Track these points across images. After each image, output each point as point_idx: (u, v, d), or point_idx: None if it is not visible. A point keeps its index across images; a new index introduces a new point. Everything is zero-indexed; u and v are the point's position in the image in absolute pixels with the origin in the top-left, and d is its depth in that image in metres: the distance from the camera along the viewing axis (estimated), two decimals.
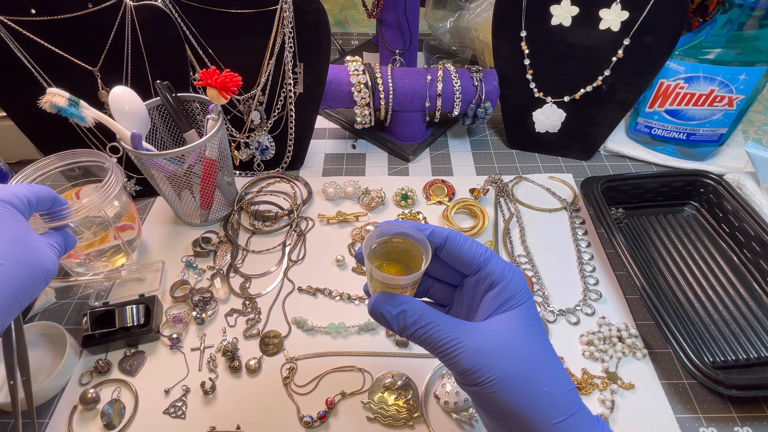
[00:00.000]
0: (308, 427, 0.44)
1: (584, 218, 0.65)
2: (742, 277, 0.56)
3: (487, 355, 0.29)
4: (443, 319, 0.31)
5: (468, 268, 0.33)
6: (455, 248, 0.33)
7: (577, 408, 0.30)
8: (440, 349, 0.30)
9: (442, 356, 0.30)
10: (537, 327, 0.32)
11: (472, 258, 0.33)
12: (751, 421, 0.45)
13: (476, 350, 0.29)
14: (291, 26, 0.60)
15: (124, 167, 0.65)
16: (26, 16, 0.53)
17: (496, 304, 0.32)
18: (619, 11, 0.59)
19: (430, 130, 0.77)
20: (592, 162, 0.74)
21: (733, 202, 0.60)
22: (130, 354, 0.50)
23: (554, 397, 0.29)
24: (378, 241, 0.33)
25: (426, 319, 0.30)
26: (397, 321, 0.31)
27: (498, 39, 0.67)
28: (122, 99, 0.52)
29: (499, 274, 0.32)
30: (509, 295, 0.32)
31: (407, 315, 0.31)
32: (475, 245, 0.33)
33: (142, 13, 0.57)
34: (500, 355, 0.29)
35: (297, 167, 0.73)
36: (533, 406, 0.29)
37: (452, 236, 0.33)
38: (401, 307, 0.31)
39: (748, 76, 0.62)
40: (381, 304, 0.31)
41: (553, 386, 0.30)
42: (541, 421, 0.29)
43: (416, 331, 0.30)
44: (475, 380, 0.29)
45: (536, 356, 0.30)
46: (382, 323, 0.32)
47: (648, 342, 0.51)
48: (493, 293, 0.32)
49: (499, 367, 0.29)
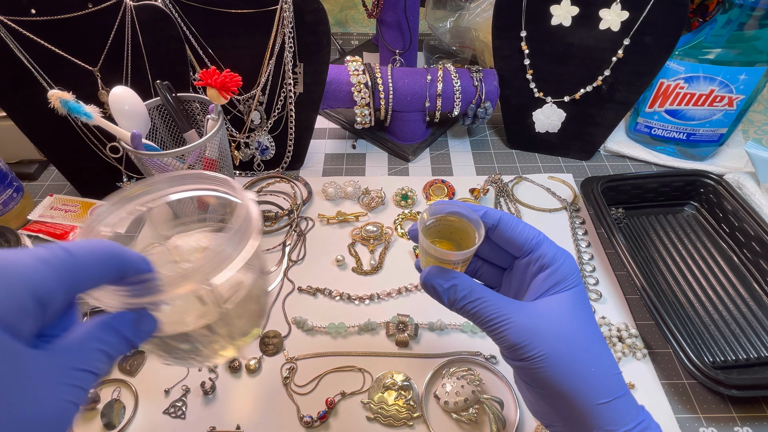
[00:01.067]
0: (308, 427, 0.44)
1: (584, 218, 0.65)
2: (742, 277, 0.56)
3: (536, 332, 0.30)
4: (492, 296, 0.31)
5: (519, 251, 0.34)
6: (508, 230, 0.33)
7: (623, 392, 0.30)
8: (489, 323, 0.31)
9: (490, 331, 0.31)
10: (586, 311, 0.32)
11: (525, 240, 0.33)
12: (751, 421, 0.45)
13: (524, 327, 0.30)
14: (291, 26, 0.60)
15: (124, 167, 0.65)
16: (26, 16, 0.53)
17: (546, 286, 0.32)
18: (619, 11, 0.59)
19: (430, 130, 0.77)
20: (592, 162, 0.74)
21: (733, 202, 0.60)
22: (130, 354, 0.50)
23: (600, 379, 0.30)
24: (432, 218, 0.33)
25: (476, 294, 0.31)
26: (447, 294, 0.31)
27: (498, 39, 0.67)
28: (122, 99, 0.52)
29: (551, 257, 0.32)
30: (560, 278, 0.32)
31: (458, 289, 0.31)
32: (528, 228, 0.34)
33: (142, 13, 0.57)
34: (548, 333, 0.30)
35: (297, 167, 0.73)
36: (579, 385, 0.29)
37: (505, 218, 0.34)
38: (452, 282, 0.31)
39: (748, 76, 0.62)
40: (433, 277, 0.32)
41: (600, 368, 0.30)
42: (585, 400, 0.29)
43: (466, 305, 0.31)
44: (522, 355, 0.30)
45: (584, 338, 0.31)
46: (433, 296, 0.32)
47: (648, 342, 0.51)
48: (544, 275, 0.32)
49: (546, 345, 0.29)
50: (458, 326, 0.52)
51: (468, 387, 0.45)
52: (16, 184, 0.62)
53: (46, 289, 0.19)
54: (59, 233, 0.61)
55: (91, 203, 0.66)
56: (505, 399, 0.46)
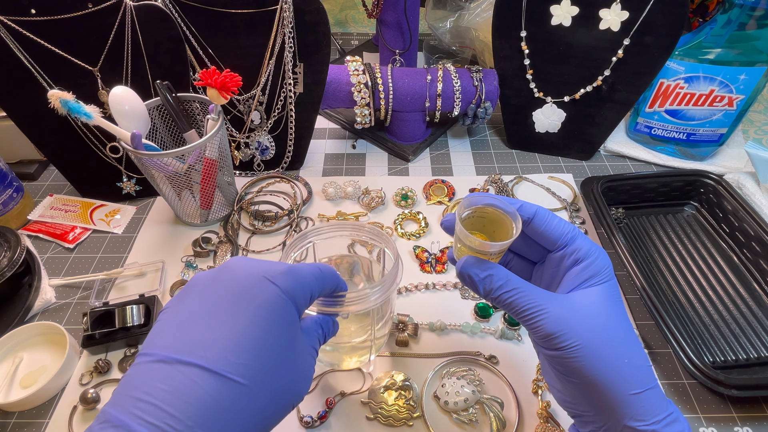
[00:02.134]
0: (308, 427, 0.44)
1: (584, 218, 0.65)
2: (742, 277, 0.56)
3: (571, 322, 0.30)
4: (528, 286, 0.32)
5: (553, 245, 0.34)
6: (543, 224, 0.34)
7: (653, 384, 0.31)
8: (524, 313, 0.31)
9: (525, 320, 0.32)
10: (619, 305, 0.32)
11: (559, 234, 0.34)
12: (751, 421, 0.45)
13: (559, 317, 0.30)
14: (291, 26, 0.60)
15: (124, 167, 0.65)
16: (26, 16, 0.53)
17: (580, 280, 0.32)
18: (619, 11, 0.59)
19: (430, 130, 0.77)
20: (592, 162, 0.74)
21: (733, 202, 0.60)
22: (130, 354, 0.50)
23: (634, 370, 0.30)
24: (468, 209, 0.34)
25: (512, 284, 0.32)
26: (483, 284, 0.32)
27: (498, 39, 0.67)
28: (122, 99, 0.52)
29: (585, 252, 0.33)
30: (594, 272, 0.32)
31: (494, 279, 0.32)
32: (563, 223, 0.34)
33: (142, 13, 0.57)
34: (583, 324, 0.30)
35: (297, 167, 0.73)
36: (613, 375, 0.30)
37: (540, 212, 0.34)
38: (488, 272, 0.32)
39: (748, 76, 0.62)
40: (470, 267, 0.32)
41: (633, 360, 0.30)
42: (619, 391, 0.30)
43: (501, 295, 0.32)
44: (557, 345, 0.30)
45: (618, 330, 0.31)
46: (469, 285, 0.33)
47: (648, 342, 0.51)
48: (578, 269, 0.33)
49: (581, 335, 0.30)
50: (458, 327, 0.52)
51: (468, 387, 0.45)
52: (16, 184, 0.62)
53: (313, 291, 0.30)
54: (59, 233, 0.61)
55: (91, 203, 0.66)
56: (505, 399, 0.46)
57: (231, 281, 0.27)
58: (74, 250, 0.61)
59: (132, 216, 0.65)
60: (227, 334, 0.25)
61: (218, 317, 0.26)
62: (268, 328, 0.26)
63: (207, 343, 0.25)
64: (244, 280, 0.27)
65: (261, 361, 0.25)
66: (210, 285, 0.28)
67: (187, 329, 0.25)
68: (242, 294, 0.27)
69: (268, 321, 0.26)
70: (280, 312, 0.27)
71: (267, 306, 0.27)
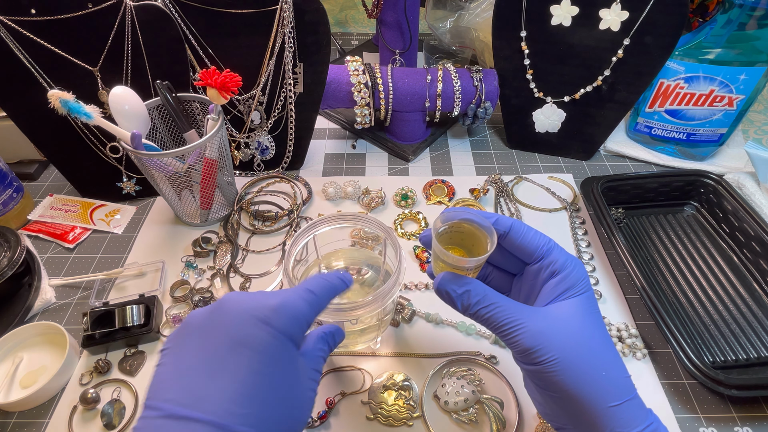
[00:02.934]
0: (308, 427, 0.44)
1: (584, 218, 0.65)
2: (742, 277, 0.56)
3: (548, 336, 0.30)
4: (505, 301, 0.32)
5: (530, 257, 0.34)
6: (519, 237, 0.34)
7: (633, 395, 0.30)
8: (502, 328, 0.31)
9: (504, 335, 0.32)
10: (596, 316, 0.33)
11: (535, 247, 0.34)
12: (751, 421, 0.45)
13: (537, 331, 0.30)
14: (291, 26, 0.60)
15: (124, 167, 0.65)
16: (26, 16, 0.53)
17: (557, 292, 0.32)
18: (619, 11, 0.59)
19: (430, 130, 0.77)
20: (592, 162, 0.74)
21: (733, 202, 0.60)
22: (130, 354, 0.50)
23: (612, 382, 0.30)
24: (445, 224, 0.34)
25: (489, 299, 0.32)
26: (461, 300, 0.32)
27: (498, 39, 0.67)
28: (122, 99, 0.52)
29: (561, 264, 0.33)
30: (571, 284, 0.32)
31: (471, 295, 0.32)
32: (539, 235, 0.34)
33: (142, 13, 0.57)
34: (560, 338, 0.30)
35: (297, 167, 0.73)
36: (591, 388, 0.30)
37: (516, 225, 0.34)
38: (466, 288, 0.32)
39: (748, 76, 0.62)
40: (447, 283, 0.32)
41: (611, 372, 0.30)
42: (597, 403, 0.29)
43: (479, 310, 0.32)
44: (535, 359, 0.30)
45: (596, 342, 0.31)
46: (447, 301, 0.33)
47: (648, 342, 0.51)
48: (555, 281, 0.33)
49: (559, 349, 0.30)
50: (453, 324, 0.52)
51: (468, 387, 0.45)
52: (16, 184, 0.62)
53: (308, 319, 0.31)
54: (59, 233, 0.61)
55: (91, 203, 0.66)
56: (505, 399, 0.46)
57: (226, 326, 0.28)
58: (74, 250, 0.61)
59: (132, 216, 0.65)
60: (229, 385, 0.26)
61: (218, 367, 0.26)
62: (267, 373, 0.27)
63: (211, 396, 0.25)
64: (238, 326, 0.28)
65: (264, 406, 0.26)
66: (206, 329, 0.28)
67: (189, 381, 0.26)
68: (238, 340, 0.27)
69: (267, 366, 0.27)
70: (277, 354, 0.28)
71: (264, 350, 0.27)
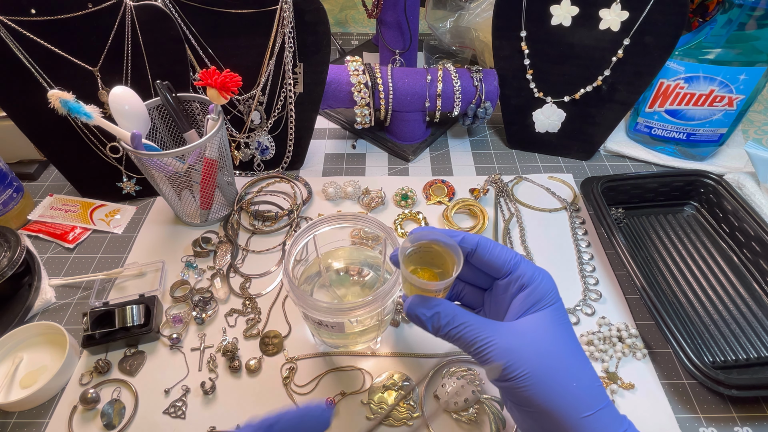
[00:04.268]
0: None
1: (584, 218, 0.65)
2: (742, 277, 0.56)
3: (518, 352, 0.31)
4: (475, 319, 0.32)
5: (498, 272, 0.35)
6: (486, 253, 0.34)
7: (605, 403, 0.31)
8: (473, 347, 0.32)
9: (475, 354, 0.32)
10: (565, 327, 0.33)
11: (503, 262, 0.34)
12: (751, 421, 0.45)
13: (507, 348, 0.31)
14: (291, 26, 0.60)
15: (124, 167, 0.65)
16: (26, 16, 0.53)
17: (526, 306, 0.33)
18: (619, 11, 0.59)
19: (430, 130, 0.77)
20: (592, 162, 0.74)
21: (733, 202, 0.60)
22: (130, 354, 0.50)
23: (583, 392, 0.30)
24: (412, 246, 0.34)
25: (458, 319, 0.32)
26: (431, 322, 0.33)
27: (498, 39, 0.67)
28: (122, 99, 0.52)
29: (529, 277, 0.33)
30: (539, 297, 0.33)
31: (441, 317, 0.32)
32: (505, 250, 0.35)
33: (142, 13, 0.57)
34: (530, 353, 0.31)
35: (297, 167, 0.73)
36: (563, 401, 0.30)
37: (483, 242, 0.34)
38: (435, 309, 0.32)
39: (748, 76, 0.62)
40: (416, 307, 0.33)
41: (582, 382, 0.31)
42: (570, 415, 0.30)
43: (450, 331, 0.32)
44: (506, 376, 0.30)
45: (565, 354, 0.31)
46: (418, 324, 0.33)
47: (648, 342, 0.51)
48: (523, 295, 0.33)
49: (529, 364, 0.30)
50: None
51: (468, 387, 0.45)
52: (16, 184, 0.62)
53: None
54: (59, 233, 0.61)
55: (91, 203, 0.66)
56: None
57: None
58: (74, 250, 0.61)
59: (132, 216, 0.65)
60: None
61: None
62: None
63: None
64: None
65: None
66: None
67: None
68: None
69: None
70: None
71: None
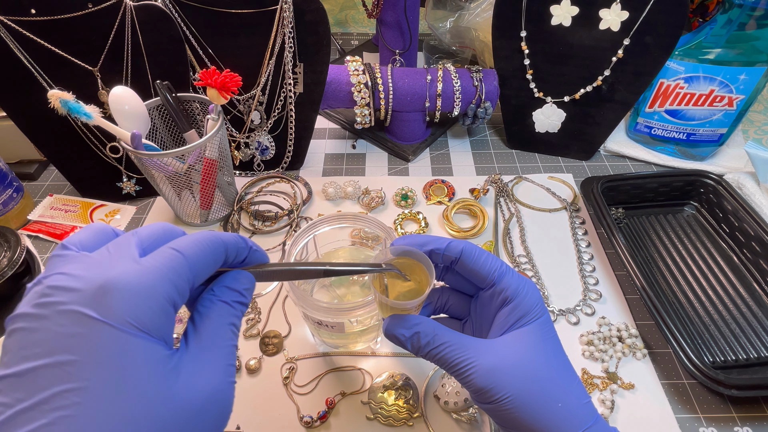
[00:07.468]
0: (308, 427, 0.44)
1: (584, 218, 0.65)
2: (742, 277, 0.56)
3: (500, 373, 0.29)
4: (456, 339, 0.31)
5: (483, 282, 0.34)
6: (470, 262, 0.33)
7: (593, 421, 0.30)
8: (454, 368, 0.31)
9: (456, 375, 0.31)
10: (551, 342, 0.32)
11: (487, 272, 0.33)
12: (751, 421, 0.45)
13: (489, 369, 0.30)
14: (291, 26, 0.60)
15: (124, 167, 0.65)
16: (26, 16, 0.53)
17: (510, 321, 0.32)
18: (619, 11, 0.59)
19: (430, 130, 0.77)
20: (592, 162, 0.74)
21: (733, 202, 0.60)
22: None
23: (569, 412, 0.29)
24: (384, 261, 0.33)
25: (439, 339, 0.31)
26: (411, 342, 0.31)
27: (498, 39, 0.67)
28: (122, 99, 0.52)
29: (513, 291, 0.32)
30: (523, 312, 0.32)
31: (420, 336, 0.31)
32: (491, 259, 0.33)
33: (142, 13, 0.57)
34: (513, 374, 0.30)
35: (297, 167, 0.73)
36: (548, 423, 0.29)
37: (467, 250, 0.33)
38: (414, 329, 0.31)
39: (748, 76, 0.62)
40: (395, 328, 0.32)
41: (568, 401, 0.30)
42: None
43: (430, 351, 0.31)
44: (489, 399, 0.29)
45: (550, 372, 0.30)
46: (397, 344, 0.32)
47: (648, 342, 0.51)
48: (507, 310, 0.32)
49: (512, 386, 0.29)
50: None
51: None
52: (16, 184, 0.62)
53: (175, 294, 0.22)
54: (59, 233, 0.61)
55: (91, 203, 0.66)
56: None
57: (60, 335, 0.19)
58: None
59: (132, 216, 0.65)
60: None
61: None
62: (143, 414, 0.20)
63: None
64: (78, 336, 0.19)
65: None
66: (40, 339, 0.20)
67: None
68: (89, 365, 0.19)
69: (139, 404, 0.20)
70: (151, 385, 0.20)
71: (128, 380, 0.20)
